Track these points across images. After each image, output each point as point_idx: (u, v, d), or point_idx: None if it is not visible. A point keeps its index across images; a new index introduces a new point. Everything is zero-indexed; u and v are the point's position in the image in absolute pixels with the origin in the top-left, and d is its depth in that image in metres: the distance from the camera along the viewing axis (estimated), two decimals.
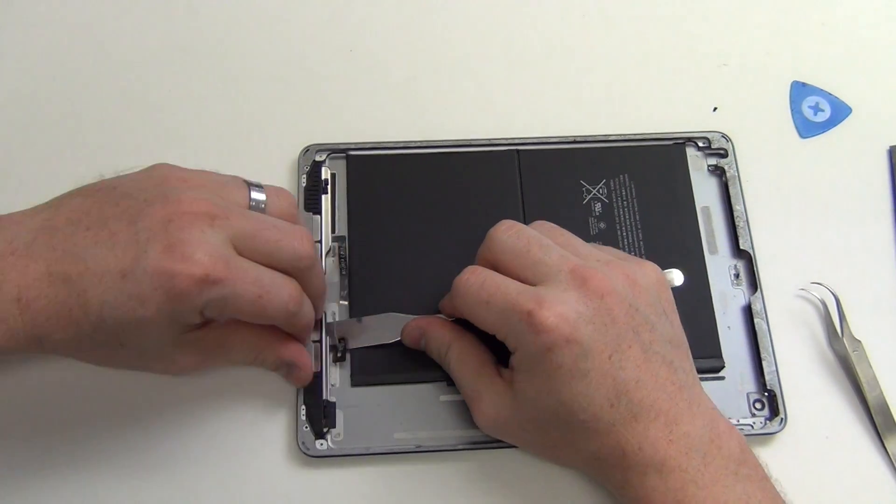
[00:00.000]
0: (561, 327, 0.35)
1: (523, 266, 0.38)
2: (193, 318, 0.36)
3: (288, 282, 0.38)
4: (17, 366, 0.43)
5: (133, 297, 0.34)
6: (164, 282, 0.34)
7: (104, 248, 0.35)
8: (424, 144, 0.48)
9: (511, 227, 0.39)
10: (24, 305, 0.34)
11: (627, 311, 0.37)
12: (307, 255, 0.38)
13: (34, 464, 0.41)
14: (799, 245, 0.47)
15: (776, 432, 0.43)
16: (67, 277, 0.34)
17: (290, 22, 0.53)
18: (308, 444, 0.41)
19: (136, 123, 0.49)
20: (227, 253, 0.35)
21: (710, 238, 0.47)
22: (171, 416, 0.42)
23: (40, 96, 0.50)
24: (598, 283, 0.37)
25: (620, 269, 0.38)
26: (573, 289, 0.37)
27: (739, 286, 0.46)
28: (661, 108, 0.51)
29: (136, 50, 0.51)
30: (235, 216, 0.37)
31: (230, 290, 0.35)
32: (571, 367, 0.36)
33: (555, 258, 0.38)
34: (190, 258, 0.34)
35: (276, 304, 0.37)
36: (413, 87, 0.51)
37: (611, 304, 0.37)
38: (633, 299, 0.37)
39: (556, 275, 0.37)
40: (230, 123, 0.49)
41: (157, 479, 0.41)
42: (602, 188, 0.47)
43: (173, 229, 0.34)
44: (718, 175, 0.49)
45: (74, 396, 0.42)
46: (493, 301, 0.37)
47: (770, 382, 0.43)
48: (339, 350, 0.43)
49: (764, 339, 0.44)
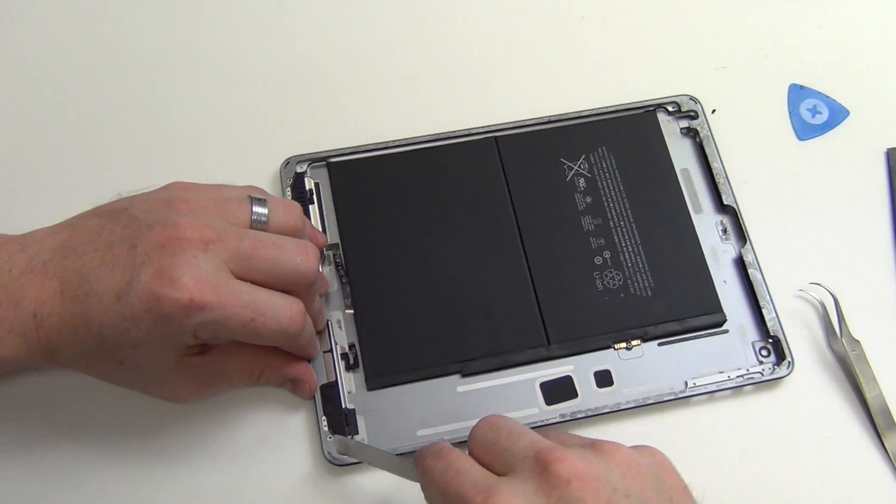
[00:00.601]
0: None
1: (492, 459, 0.32)
2: (187, 340, 0.36)
3: (287, 302, 0.37)
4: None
5: (126, 318, 0.35)
6: (153, 305, 0.35)
7: (107, 270, 0.36)
8: (403, 142, 0.48)
9: (489, 420, 0.34)
10: (39, 321, 0.36)
11: (609, 500, 0.29)
12: (309, 272, 0.38)
13: (55, 465, 0.41)
14: (797, 246, 0.48)
15: (785, 376, 0.44)
16: (76, 296, 0.36)
17: (254, 38, 0.52)
18: (334, 455, 0.41)
19: (124, 134, 0.49)
20: (217, 277, 0.35)
21: (694, 198, 0.48)
22: (190, 431, 0.42)
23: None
24: (562, 468, 0.30)
25: (611, 452, 0.31)
26: (533, 477, 0.30)
27: (728, 241, 0.47)
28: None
29: (120, 65, 0.51)
30: (231, 238, 0.36)
31: (219, 313, 0.35)
32: None
33: (522, 445, 0.32)
34: (177, 282, 0.34)
35: (272, 326, 0.37)
36: (386, 87, 0.51)
37: (580, 490, 0.29)
38: (622, 484, 0.30)
39: (521, 462, 0.31)
40: (208, 140, 0.49)
41: (178, 493, 0.41)
42: (583, 163, 0.48)
43: (166, 254, 0.35)
44: (692, 137, 0.50)
45: (90, 404, 0.42)
46: (448, 491, 0.31)
47: (773, 329, 0.45)
48: (351, 357, 0.43)
49: (760, 288, 0.45)
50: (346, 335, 0.44)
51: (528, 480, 0.30)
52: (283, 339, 0.38)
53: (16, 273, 0.37)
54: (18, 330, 0.37)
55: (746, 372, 0.44)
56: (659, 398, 0.43)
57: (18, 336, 0.37)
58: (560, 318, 0.44)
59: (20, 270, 0.37)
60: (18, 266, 0.37)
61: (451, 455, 0.33)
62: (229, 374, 0.41)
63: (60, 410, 0.42)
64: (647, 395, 0.43)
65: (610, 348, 0.44)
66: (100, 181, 0.47)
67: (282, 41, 0.52)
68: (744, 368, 0.44)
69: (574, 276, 0.45)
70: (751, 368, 0.44)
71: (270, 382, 0.42)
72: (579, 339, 0.44)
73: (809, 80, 0.53)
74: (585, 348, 0.44)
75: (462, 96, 0.51)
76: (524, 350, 0.44)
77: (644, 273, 0.45)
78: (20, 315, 0.37)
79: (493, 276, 0.45)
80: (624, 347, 0.44)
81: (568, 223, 0.46)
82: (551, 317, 0.44)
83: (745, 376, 0.44)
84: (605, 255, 0.46)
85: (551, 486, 0.30)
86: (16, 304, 0.37)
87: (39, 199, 0.47)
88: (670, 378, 0.44)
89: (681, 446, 0.42)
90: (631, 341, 0.44)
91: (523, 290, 0.44)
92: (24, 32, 0.52)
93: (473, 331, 0.44)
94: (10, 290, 0.37)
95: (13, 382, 0.42)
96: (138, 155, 0.48)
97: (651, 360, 0.44)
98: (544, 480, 0.30)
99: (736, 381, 0.43)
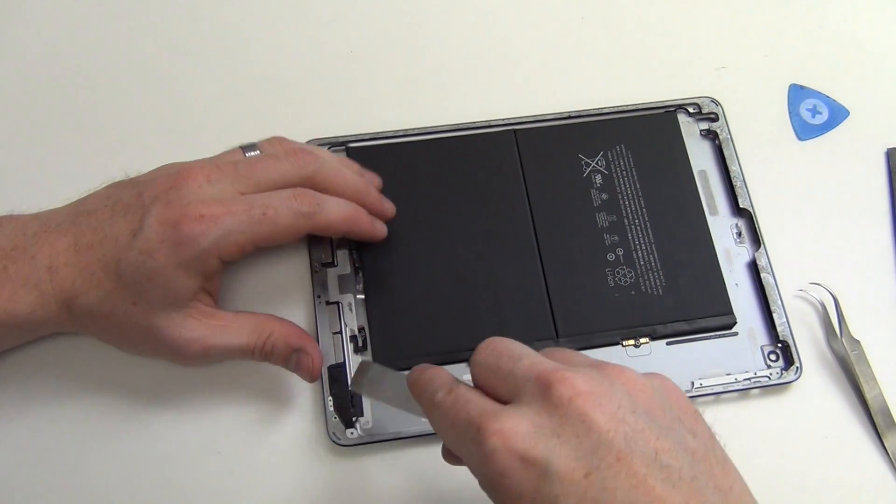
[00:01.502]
0: (511, 444, 0.28)
1: (496, 384, 0.32)
2: (210, 263, 0.38)
3: (292, 192, 0.40)
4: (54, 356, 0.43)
5: (143, 251, 0.37)
6: (168, 233, 0.37)
7: (118, 218, 0.39)
8: (422, 131, 0.48)
9: (488, 344, 0.33)
10: (53, 272, 0.38)
11: (614, 414, 0.29)
12: (308, 161, 0.41)
13: (59, 445, 0.42)
14: (797, 246, 0.48)
15: (793, 381, 0.44)
16: (90, 245, 0.39)
17: (285, 22, 0.53)
18: (339, 434, 0.42)
19: (140, 124, 0.49)
20: (223, 195, 0.39)
21: (710, 200, 0.48)
22: (195, 413, 0.43)
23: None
24: (565, 387, 0.29)
25: (615, 372, 0.31)
26: (536, 399, 0.30)
27: (742, 244, 0.47)
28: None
29: (139, 51, 0.51)
30: (229, 167, 0.40)
31: (232, 220, 0.38)
32: (534, 495, 0.28)
33: (523, 368, 0.31)
34: (186, 207, 0.38)
35: (285, 212, 0.39)
36: (408, 76, 0.51)
37: (584, 407, 0.29)
38: (628, 400, 0.30)
39: (524, 385, 0.30)
40: (231, 126, 0.49)
41: (183, 474, 0.42)
42: (601, 160, 0.48)
43: (172, 191, 0.38)
44: (711, 139, 0.50)
45: (98, 388, 0.43)
46: (458, 421, 0.31)
47: (782, 334, 0.44)
48: (360, 340, 0.44)
49: (772, 292, 0.45)
50: (356, 318, 0.44)
51: (532, 403, 0.30)
52: (304, 221, 0.40)
53: (29, 234, 0.39)
54: (33, 282, 0.38)
55: (754, 375, 0.44)
56: None
57: (33, 289, 0.38)
58: (570, 312, 0.44)
59: (33, 231, 0.39)
60: (32, 228, 0.40)
61: (460, 388, 0.32)
62: (240, 329, 0.40)
63: (76, 378, 0.43)
64: None
65: (618, 345, 0.44)
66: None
67: (306, 26, 0.53)
68: (751, 372, 0.44)
69: (586, 271, 0.45)
70: (758, 372, 0.44)
71: (276, 349, 0.41)
72: (588, 333, 0.44)
73: (809, 80, 0.53)
74: (593, 343, 0.44)
75: (483, 88, 0.51)
76: (533, 342, 0.42)
77: (656, 272, 0.45)
78: (35, 269, 0.38)
79: (506, 267, 0.45)
80: (632, 344, 0.44)
81: (582, 218, 0.46)
82: (561, 310, 0.44)
83: (753, 380, 0.44)
84: (619, 252, 0.46)
85: (553, 406, 0.29)
86: (30, 259, 0.39)
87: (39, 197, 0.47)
88: (677, 377, 0.42)
89: None
90: (639, 339, 0.44)
91: (535, 283, 0.45)
92: (36, 19, 0.52)
93: (483, 321, 0.44)
94: (24, 249, 0.39)
95: (30, 351, 0.43)
96: (154, 142, 0.49)
97: (658, 359, 0.44)
98: (547, 401, 0.29)
99: (743, 384, 0.43)
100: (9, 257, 0.39)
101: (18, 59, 0.51)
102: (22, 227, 0.40)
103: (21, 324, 0.39)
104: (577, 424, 0.28)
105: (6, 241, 0.39)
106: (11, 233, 0.39)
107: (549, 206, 0.46)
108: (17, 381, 0.43)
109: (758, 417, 0.44)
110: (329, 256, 0.45)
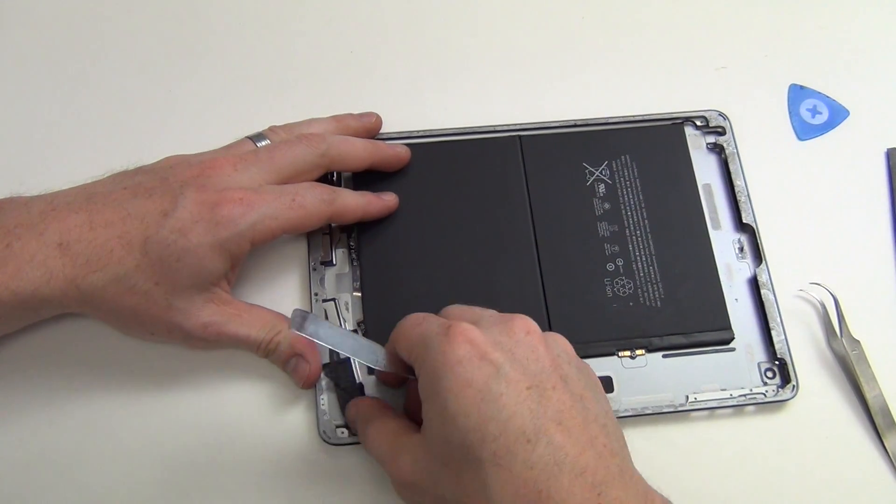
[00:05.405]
0: (477, 343, 0.34)
1: (412, 344, 0.36)
2: (243, 246, 0.39)
3: (311, 182, 0.42)
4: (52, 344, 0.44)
5: (175, 230, 0.38)
6: (205, 213, 0.38)
7: (142, 199, 0.39)
8: (426, 134, 0.48)
9: (396, 328, 0.38)
10: (64, 248, 0.38)
11: (555, 359, 0.35)
12: (318, 140, 0.43)
13: (63, 436, 0.42)
14: (797, 246, 0.48)
15: (789, 399, 0.43)
16: (109, 223, 0.38)
17: (287, 24, 0.53)
18: (329, 433, 0.42)
19: (140, 124, 0.50)
20: (253, 183, 0.40)
21: (713, 214, 0.48)
22: (185, 410, 0.43)
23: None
24: (522, 322, 0.35)
25: (511, 321, 0.36)
26: (496, 324, 0.35)
27: (744, 259, 0.47)
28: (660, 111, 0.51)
29: (139, 51, 0.52)
30: (250, 155, 0.42)
31: (267, 206, 0.40)
32: (482, 387, 0.33)
33: (435, 325, 0.36)
34: (224, 191, 0.39)
35: (311, 199, 0.41)
36: (413, 78, 0.51)
37: (536, 342, 0.35)
38: (566, 355, 0.36)
39: (488, 317, 0.37)
40: (232, 126, 0.48)
41: (174, 471, 0.42)
42: (605, 169, 0.48)
43: (202, 178, 0.40)
44: (717, 153, 0.50)
45: (97, 376, 0.43)
46: (429, 323, 0.36)
47: (780, 351, 0.44)
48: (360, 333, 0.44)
49: (771, 309, 0.45)
50: (352, 316, 0.44)
51: (492, 327, 0.35)
52: (327, 208, 0.42)
53: (34, 212, 0.39)
54: (40, 259, 0.37)
55: (749, 392, 0.43)
56: (658, 409, 0.43)
57: (39, 265, 0.37)
58: (566, 320, 0.44)
59: (39, 210, 0.39)
60: (37, 207, 0.39)
61: (418, 315, 0.37)
62: (250, 323, 0.41)
63: (80, 365, 0.43)
64: (646, 405, 0.43)
65: (614, 355, 0.44)
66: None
67: (307, 27, 0.53)
68: (747, 388, 0.44)
69: (585, 280, 0.45)
70: (754, 389, 0.44)
71: (280, 352, 0.42)
72: (584, 343, 0.44)
73: (809, 80, 0.52)
74: (589, 353, 0.44)
75: (489, 93, 0.51)
76: None
77: (655, 284, 0.45)
78: (43, 245, 0.38)
79: (504, 272, 0.45)
80: (628, 356, 0.44)
81: (584, 227, 0.46)
82: (558, 318, 0.44)
83: (748, 396, 0.43)
84: (618, 262, 0.45)
85: (513, 332, 0.35)
86: (38, 235, 0.38)
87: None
88: (672, 390, 0.44)
89: (676, 459, 0.43)
90: (635, 350, 0.44)
91: (532, 290, 0.45)
92: (39, 11, 0.53)
93: None
94: (30, 226, 0.38)
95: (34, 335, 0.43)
96: (154, 143, 0.47)
97: (654, 371, 0.44)
98: (505, 328, 0.35)
99: (738, 400, 0.43)
100: (13, 234, 0.38)
101: (19, 53, 0.51)
102: (25, 205, 0.39)
103: (24, 302, 0.38)
104: (529, 352, 0.34)
105: (9, 219, 0.38)
106: (14, 211, 0.39)
107: (550, 213, 0.46)
108: (22, 366, 0.43)
109: (754, 435, 0.43)
110: (328, 255, 0.45)
